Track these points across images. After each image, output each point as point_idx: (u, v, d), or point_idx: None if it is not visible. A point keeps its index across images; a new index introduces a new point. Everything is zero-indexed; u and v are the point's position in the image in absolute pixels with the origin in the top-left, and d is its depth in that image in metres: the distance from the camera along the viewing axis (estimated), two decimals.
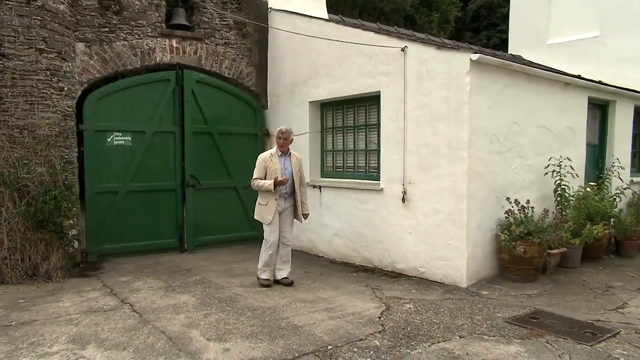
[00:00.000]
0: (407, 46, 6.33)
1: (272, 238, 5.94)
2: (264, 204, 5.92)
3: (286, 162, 5.99)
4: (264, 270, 6.03)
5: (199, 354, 3.96)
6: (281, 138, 5.96)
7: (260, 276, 6.04)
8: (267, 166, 5.89)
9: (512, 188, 6.42)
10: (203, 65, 8.10)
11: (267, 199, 5.88)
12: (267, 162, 5.90)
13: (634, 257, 7.55)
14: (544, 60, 10.85)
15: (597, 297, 5.54)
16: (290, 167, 5.99)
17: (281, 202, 5.93)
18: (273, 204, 5.85)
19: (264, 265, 6.02)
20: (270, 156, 5.95)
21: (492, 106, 6.06)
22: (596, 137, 8.53)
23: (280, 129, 6.00)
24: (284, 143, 5.97)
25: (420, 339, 4.25)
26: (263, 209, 5.94)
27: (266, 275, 6.03)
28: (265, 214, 5.92)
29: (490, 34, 20.96)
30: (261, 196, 5.96)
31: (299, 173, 6.04)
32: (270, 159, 5.92)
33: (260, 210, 5.98)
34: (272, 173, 5.84)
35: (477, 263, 6.02)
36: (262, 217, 5.94)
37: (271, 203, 5.86)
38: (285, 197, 5.98)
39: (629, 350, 4.00)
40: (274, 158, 5.93)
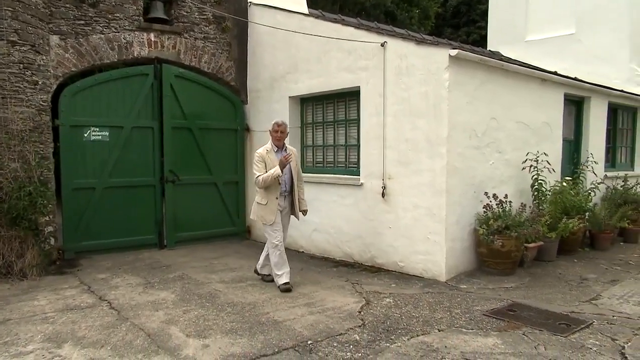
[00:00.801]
0: (387, 41, 6.35)
1: (278, 238, 5.56)
2: (264, 203, 5.52)
3: None
4: (280, 274, 5.55)
5: (178, 350, 3.94)
6: (278, 131, 5.59)
7: (278, 282, 5.56)
8: (265, 162, 5.54)
9: (490, 183, 6.49)
10: (182, 59, 8.01)
11: (268, 197, 5.50)
12: (265, 158, 5.54)
13: (608, 250, 7.71)
14: (522, 57, 11.00)
15: (572, 289, 5.65)
16: None
17: (281, 200, 5.60)
18: (274, 203, 5.50)
19: (278, 269, 5.56)
20: (266, 152, 5.58)
21: (471, 102, 6.12)
22: (572, 133, 8.68)
23: (277, 122, 5.64)
24: (280, 137, 5.61)
25: (400, 333, 4.29)
26: (263, 209, 5.53)
27: (284, 278, 5.55)
28: (266, 214, 5.52)
29: (470, 30, 21.14)
30: (260, 195, 5.57)
31: (296, 168, 5.73)
32: (267, 155, 5.55)
33: (260, 210, 5.57)
34: (270, 169, 5.50)
35: (456, 257, 6.08)
36: (264, 217, 5.54)
37: (272, 202, 5.50)
38: (285, 196, 5.67)
39: (601, 340, 4.09)
40: (270, 154, 5.56)
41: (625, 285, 5.81)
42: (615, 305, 5.04)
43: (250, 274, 6.32)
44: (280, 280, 5.56)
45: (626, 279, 6.05)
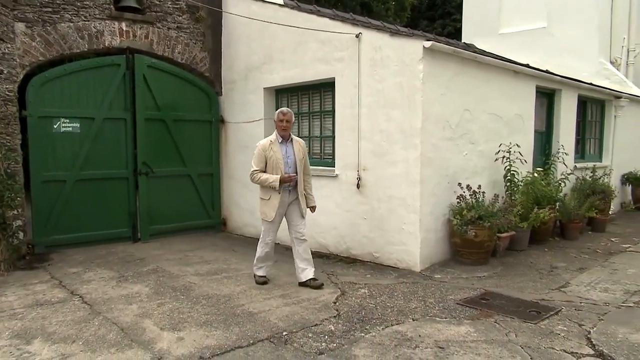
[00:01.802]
0: (362, 33, 6.35)
1: (270, 237, 5.37)
2: (267, 198, 5.26)
3: (288, 150, 5.29)
4: (260, 266, 5.54)
5: (152, 343, 3.91)
6: (283, 121, 5.20)
7: (255, 273, 5.58)
8: (267, 155, 5.18)
9: (463, 174, 6.57)
10: (155, 49, 7.87)
11: (270, 193, 5.24)
12: (267, 151, 5.19)
13: (577, 239, 7.90)
14: (495, 49, 11.10)
15: (543, 277, 5.78)
16: (294, 155, 5.29)
17: (285, 195, 5.27)
18: (276, 198, 5.20)
19: (258, 262, 5.53)
20: (269, 144, 5.22)
21: (445, 93, 6.17)
22: (543, 125, 8.82)
23: (282, 110, 5.28)
24: (286, 126, 5.23)
25: (374, 323, 4.33)
26: (265, 205, 5.29)
27: (262, 272, 5.54)
28: (268, 210, 5.26)
29: (445, 23, 21.27)
30: (262, 190, 5.32)
31: (302, 161, 5.35)
32: (270, 147, 5.19)
33: (263, 206, 5.33)
34: (273, 164, 5.17)
35: (430, 247, 6.15)
36: (265, 213, 5.30)
37: (274, 198, 5.21)
38: (290, 190, 5.30)
39: (569, 326, 4.20)
40: (274, 146, 5.21)
41: (592, 272, 5.96)
42: (583, 292, 5.18)
43: (225, 266, 6.30)
44: (259, 272, 5.55)
45: (593, 267, 6.21)
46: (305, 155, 5.44)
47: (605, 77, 11.55)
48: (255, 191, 8.00)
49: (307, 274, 5.39)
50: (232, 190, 8.63)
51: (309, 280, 5.35)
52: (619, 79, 11.79)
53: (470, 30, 14.01)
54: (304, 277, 5.38)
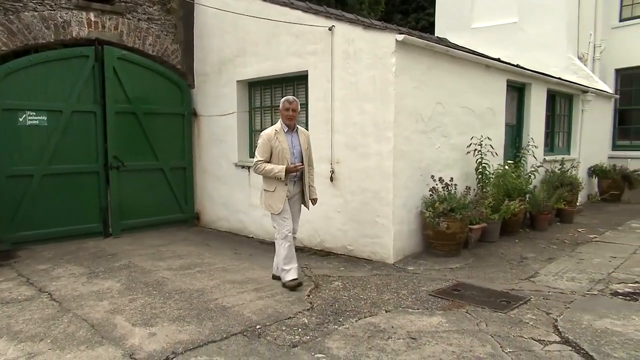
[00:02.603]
0: (335, 25, 6.34)
1: (286, 228, 5.01)
2: (272, 190, 4.99)
3: (294, 140, 5.06)
4: (288, 269, 5.05)
5: (124, 340, 3.85)
6: (289, 109, 4.96)
7: (285, 278, 5.06)
8: (272, 145, 4.94)
9: (436, 166, 6.64)
10: (125, 41, 7.71)
11: (275, 184, 4.97)
12: (273, 141, 4.94)
13: (546, 230, 8.08)
14: (468, 44, 11.25)
15: (513, 268, 5.89)
16: (299, 145, 5.08)
17: (290, 186, 5.04)
18: (283, 190, 4.96)
19: (286, 264, 5.05)
20: (275, 134, 4.97)
21: (417, 86, 6.21)
22: (514, 118, 8.98)
23: (287, 99, 5.00)
24: (292, 116, 4.99)
25: (348, 315, 4.35)
26: (271, 197, 5.01)
27: (292, 274, 5.05)
28: (274, 202, 4.99)
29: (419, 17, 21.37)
30: (267, 182, 5.04)
31: (307, 152, 5.14)
32: (276, 137, 4.95)
33: (268, 199, 5.04)
34: (279, 154, 4.93)
35: (403, 240, 6.21)
36: (271, 206, 5.01)
37: (280, 188, 4.96)
38: (295, 181, 5.11)
39: (537, 315, 4.30)
40: (279, 136, 4.97)
41: (560, 262, 6.11)
42: (551, 282, 5.30)
43: (198, 261, 6.25)
44: (288, 275, 5.05)
45: (561, 257, 6.37)
46: (310, 146, 5.26)
47: (573, 72, 11.82)
48: (229, 185, 8.04)
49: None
50: (206, 184, 8.55)
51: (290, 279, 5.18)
52: (586, 74, 12.07)
53: (443, 24, 14.13)
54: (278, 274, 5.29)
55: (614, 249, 6.79)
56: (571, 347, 3.67)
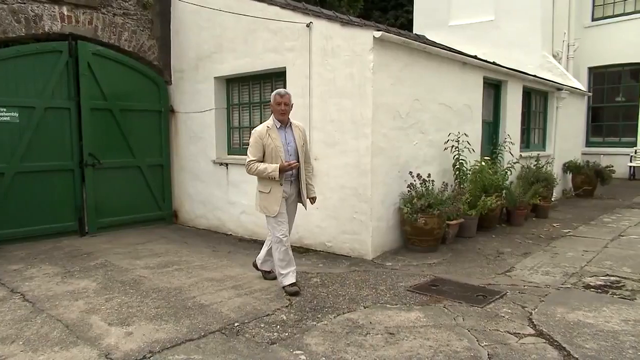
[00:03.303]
0: (313, 22, 6.32)
1: (282, 231, 4.76)
2: (267, 191, 4.73)
3: (288, 136, 4.79)
4: (285, 273, 4.81)
5: (99, 340, 3.79)
6: (281, 104, 4.68)
7: (282, 283, 4.84)
8: (264, 143, 4.68)
9: (414, 163, 6.69)
10: (100, 36, 7.57)
11: (270, 184, 4.70)
12: (265, 139, 4.67)
13: (522, 225, 8.22)
14: (446, 41, 11.34)
15: (490, 263, 5.98)
16: (294, 141, 4.81)
17: (286, 187, 4.79)
18: (278, 191, 4.70)
19: (282, 267, 4.80)
20: (267, 130, 4.70)
21: (395, 83, 6.24)
22: (491, 115, 9.09)
23: (279, 92, 4.72)
24: (284, 110, 4.71)
25: (326, 311, 4.36)
26: (266, 199, 4.74)
27: (290, 279, 4.81)
28: (269, 204, 4.72)
29: (398, 14, 21.47)
30: (261, 183, 4.79)
31: (303, 148, 4.87)
32: (268, 134, 4.68)
33: (263, 200, 4.77)
34: (272, 152, 4.66)
35: (381, 236, 6.24)
36: (267, 208, 4.74)
37: (276, 189, 4.70)
38: (292, 181, 4.85)
39: (513, 309, 4.37)
40: (272, 132, 4.70)
41: (535, 257, 6.22)
42: (527, 276, 5.39)
43: (176, 259, 6.19)
44: (286, 280, 4.82)
45: (536, 252, 6.48)
46: (306, 142, 5.00)
47: (548, 69, 12.03)
48: (207, 182, 7.98)
49: (267, 265, 5.20)
50: (184, 182, 8.47)
51: (265, 272, 5.23)
52: (560, 72, 12.30)
53: (421, 21, 14.24)
54: (265, 267, 5.23)
55: (587, 243, 6.93)
56: (545, 339, 3.74)
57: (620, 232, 7.64)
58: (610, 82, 15.76)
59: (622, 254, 6.29)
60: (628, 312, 4.27)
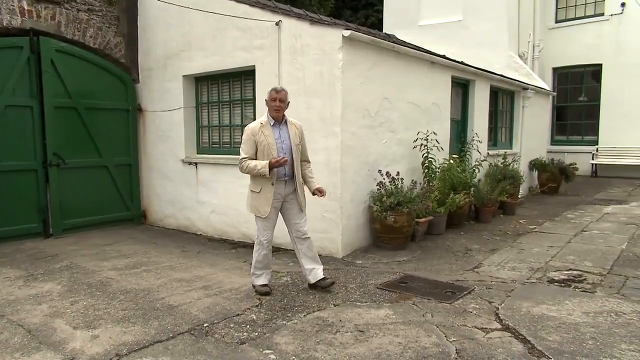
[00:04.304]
0: (282, 20, 6.30)
1: (265, 236, 4.68)
2: (257, 191, 4.60)
3: (282, 133, 4.63)
4: (259, 274, 4.81)
5: (64, 344, 3.70)
6: (276, 100, 4.53)
7: (254, 282, 4.83)
8: (257, 140, 4.54)
9: (383, 161, 6.73)
10: (63, 32, 7.36)
11: (261, 184, 4.56)
12: (257, 136, 4.54)
13: (490, 222, 8.37)
14: (415, 41, 11.47)
15: (458, 259, 6.07)
16: (288, 139, 4.65)
17: (280, 187, 4.62)
18: (269, 190, 4.55)
19: (257, 268, 4.79)
20: (260, 127, 4.57)
21: (364, 82, 6.27)
22: (459, 113, 9.23)
23: (275, 88, 4.61)
24: (279, 107, 4.55)
25: (296, 310, 4.36)
26: (257, 198, 4.61)
27: (262, 280, 4.80)
28: (260, 204, 4.60)
29: (368, 13, 21.59)
30: (253, 181, 4.65)
31: (299, 146, 4.70)
32: (261, 131, 4.54)
33: (254, 200, 4.64)
34: (264, 149, 4.51)
35: (351, 234, 6.27)
36: (257, 209, 4.62)
37: (267, 189, 4.56)
38: (286, 181, 4.67)
39: (480, 304, 4.46)
40: (265, 129, 4.56)
41: (502, 253, 6.34)
42: (494, 272, 5.50)
43: (145, 259, 6.09)
44: (258, 280, 4.80)
45: (504, 248, 6.61)
46: (303, 140, 4.81)
47: (515, 69, 12.28)
48: (176, 181, 7.88)
49: (317, 274, 4.82)
50: (152, 181, 8.34)
51: (319, 280, 4.81)
52: (526, 72, 12.57)
53: (391, 21, 14.36)
54: (313, 278, 4.82)
55: (552, 238, 7.11)
56: (511, 333, 3.83)
57: (583, 227, 7.86)
58: (573, 83, 16.21)
59: (584, 248, 6.48)
60: (589, 305, 4.40)
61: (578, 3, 15.65)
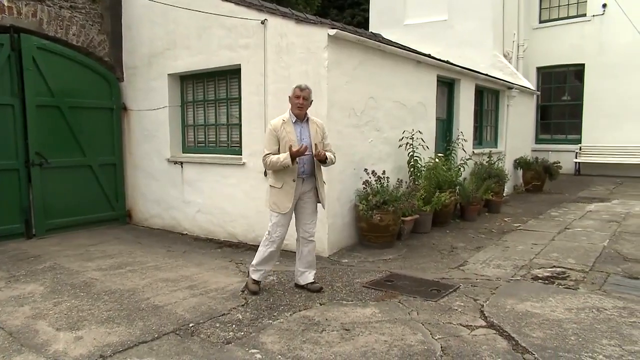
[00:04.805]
0: (267, 19, 6.29)
1: (278, 232, 4.63)
2: (279, 187, 4.55)
3: (303, 131, 4.60)
4: (258, 269, 4.75)
5: (47, 346, 3.66)
6: (300, 97, 4.50)
7: (250, 275, 4.80)
8: (279, 136, 4.52)
9: (369, 160, 6.75)
10: (45, 30, 7.26)
11: (283, 179, 4.51)
12: (279, 132, 4.52)
13: (475, 220, 8.44)
14: (401, 40, 11.52)
15: (444, 257, 6.11)
16: (309, 137, 4.59)
17: (298, 184, 4.57)
18: (291, 186, 4.51)
19: (258, 263, 4.73)
20: (282, 124, 4.54)
21: (350, 81, 6.28)
22: (444, 112, 9.28)
23: (299, 86, 4.56)
24: (302, 104, 4.52)
25: (282, 309, 4.35)
26: (277, 194, 4.57)
27: (257, 275, 4.75)
28: (281, 200, 4.54)
29: (355, 12, 21.63)
30: (274, 177, 4.61)
31: (320, 144, 4.62)
32: (283, 128, 4.52)
33: (274, 196, 4.60)
34: (285, 146, 4.48)
35: (337, 233, 6.28)
36: (277, 205, 4.56)
37: (288, 185, 4.51)
38: (304, 178, 4.60)
39: (465, 302, 4.49)
40: (287, 126, 4.54)
41: (487, 251, 6.40)
42: (479, 270, 5.54)
43: (130, 260, 6.04)
44: (254, 275, 4.77)
45: (489, 246, 6.67)
46: (325, 137, 4.75)
47: (499, 69, 12.39)
48: (161, 181, 7.83)
49: (307, 277, 4.87)
50: (137, 181, 8.27)
51: (308, 284, 4.85)
52: (511, 71, 12.69)
53: (377, 20, 14.39)
54: (303, 280, 4.88)
55: (536, 236, 7.19)
56: (495, 330, 3.86)
57: (566, 225, 7.96)
58: (557, 82, 16.41)
59: (568, 246, 6.56)
60: (572, 301, 4.46)
61: (561, 3, 15.84)
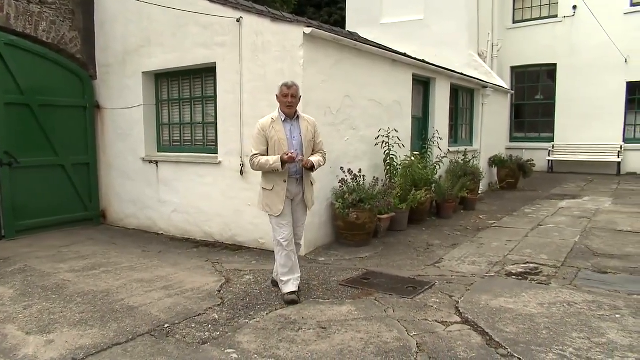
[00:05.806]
0: (243, 17, 6.25)
1: (283, 234, 4.47)
2: (269, 188, 4.43)
3: (293, 130, 4.46)
4: (287, 280, 4.49)
5: (15, 350, 3.57)
6: (288, 95, 4.36)
7: (283, 289, 4.51)
8: (267, 136, 4.38)
9: (345, 158, 6.76)
10: (13, 25, 7.05)
11: (274, 181, 4.41)
12: (268, 131, 4.38)
13: (451, 217, 8.54)
14: (378, 39, 11.53)
15: (420, 255, 6.16)
16: (300, 136, 4.46)
17: (292, 185, 4.47)
18: (282, 187, 4.40)
19: (285, 273, 4.49)
20: (271, 123, 4.40)
21: (326, 80, 6.28)
22: (420, 111, 9.35)
23: (286, 83, 4.39)
24: (291, 102, 4.38)
25: (259, 308, 4.34)
26: (269, 196, 4.45)
27: (291, 286, 4.48)
28: (272, 202, 4.43)
29: (332, 11, 21.67)
30: (265, 178, 4.49)
31: (311, 142, 4.53)
32: (272, 127, 4.38)
33: (266, 198, 4.48)
34: (275, 145, 4.35)
35: (314, 231, 6.27)
36: (270, 207, 4.45)
37: (279, 186, 4.40)
38: (297, 179, 4.51)
39: (441, 299, 4.54)
40: (276, 125, 4.40)
41: (463, 248, 6.48)
42: (454, 266, 5.61)
43: (104, 261, 5.94)
44: (286, 287, 4.49)
45: (464, 243, 6.75)
46: (317, 135, 4.60)
47: (474, 68, 12.55)
48: (136, 180, 7.72)
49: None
50: (112, 180, 8.14)
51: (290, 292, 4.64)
52: (486, 71, 12.87)
53: (354, 19, 14.44)
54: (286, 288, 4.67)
55: (510, 233, 7.31)
56: (470, 326, 3.91)
57: (540, 221, 8.11)
58: (530, 81, 16.71)
59: (540, 242, 6.69)
60: (544, 296, 4.55)
61: (534, 4, 16.14)
